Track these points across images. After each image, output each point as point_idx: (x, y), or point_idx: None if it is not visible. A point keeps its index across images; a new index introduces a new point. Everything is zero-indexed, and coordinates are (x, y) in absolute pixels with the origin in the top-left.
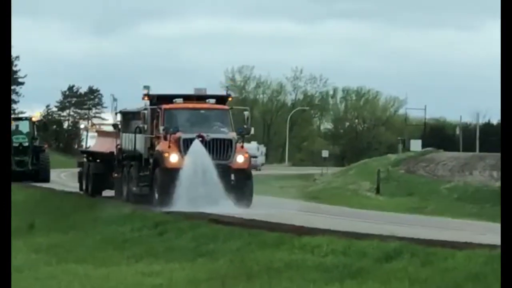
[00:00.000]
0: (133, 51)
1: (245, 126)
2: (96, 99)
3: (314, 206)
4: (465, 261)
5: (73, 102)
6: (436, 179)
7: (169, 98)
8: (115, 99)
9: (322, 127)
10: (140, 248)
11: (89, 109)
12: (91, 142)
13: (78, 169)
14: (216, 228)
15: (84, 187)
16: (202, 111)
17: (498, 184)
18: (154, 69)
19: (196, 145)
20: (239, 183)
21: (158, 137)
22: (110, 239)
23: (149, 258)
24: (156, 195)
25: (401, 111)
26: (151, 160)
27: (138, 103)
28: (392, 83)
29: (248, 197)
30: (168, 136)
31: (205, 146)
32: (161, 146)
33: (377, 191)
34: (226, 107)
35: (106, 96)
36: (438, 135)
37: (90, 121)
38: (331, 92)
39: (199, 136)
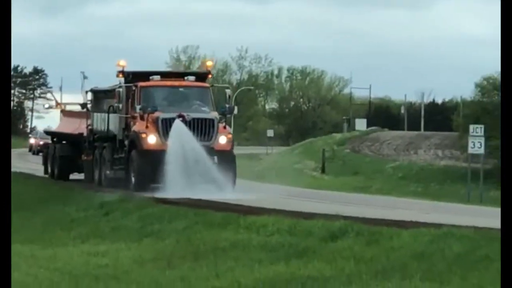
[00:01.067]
0: (80, 31)
1: (227, 105)
2: (41, 79)
3: (259, 186)
4: (410, 240)
5: (17, 82)
6: (381, 158)
7: (145, 75)
8: (85, 77)
9: (267, 107)
10: (86, 228)
11: (34, 89)
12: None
13: (23, 150)
14: (162, 208)
15: (49, 170)
16: (181, 89)
17: (443, 163)
18: (101, 49)
19: (178, 125)
20: (222, 165)
21: (134, 117)
22: (56, 219)
23: (95, 239)
24: (133, 179)
25: (346, 91)
26: (126, 142)
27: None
28: (337, 63)
29: (231, 181)
30: (146, 115)
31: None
32: (137, 126)
33: (323, 170)
34: (206, 84)
35: (51, 76)
36: (383, 114)
37: (55, 101)
38: (276, 72)
39: (179, 116)
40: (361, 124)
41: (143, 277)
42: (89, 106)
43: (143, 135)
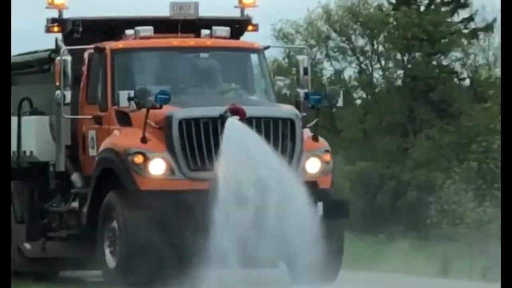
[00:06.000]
0: None
1: (309, 90)
2: None
3: None
4: None
5: None
6: None
7: (115, 27)
8: None
9: None
10: None
11: None
12: None
13: None
14: None
15: None
16: (204, 56)
17: None
18: None
19: (239, 129)
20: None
21: (99, 119)
22: None
23: None
24: (110, 259)
25: None
26: (77, 177)
27: None
28: None
29: (334, 257)
30: (136, 114)
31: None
32: (117, 138)
33: None
34: (257, 44)
35: None
36: None
37: None
38: None
39: (233, 111)
40: None
41: None
42: None
43: (138, 159)
